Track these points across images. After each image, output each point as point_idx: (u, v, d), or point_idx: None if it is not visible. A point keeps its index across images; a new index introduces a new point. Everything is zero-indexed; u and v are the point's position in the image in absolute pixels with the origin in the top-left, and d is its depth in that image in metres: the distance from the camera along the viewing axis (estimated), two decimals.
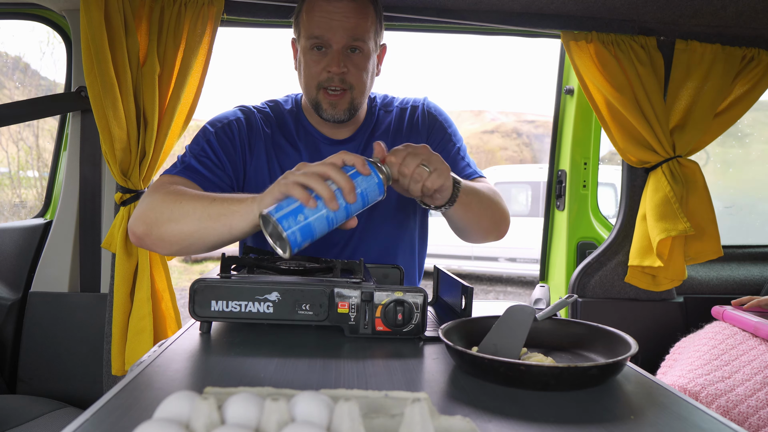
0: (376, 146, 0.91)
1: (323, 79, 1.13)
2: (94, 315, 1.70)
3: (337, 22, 1.10)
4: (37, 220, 1.81)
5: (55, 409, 1.48)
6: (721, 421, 0.58)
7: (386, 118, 1.29)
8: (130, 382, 0.65)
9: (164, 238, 0.97)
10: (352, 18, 1.11)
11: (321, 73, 1.13)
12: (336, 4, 1.10)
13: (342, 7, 1.10)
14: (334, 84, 1.13)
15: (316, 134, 1.24)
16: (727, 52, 1.77)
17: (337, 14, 1.10)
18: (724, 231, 1.84)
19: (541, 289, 2.16)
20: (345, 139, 1.25)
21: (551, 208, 2.17)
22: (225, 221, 0.90)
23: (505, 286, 7.39)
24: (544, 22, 1.72)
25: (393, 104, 1.32)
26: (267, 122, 1.23)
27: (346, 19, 1.10)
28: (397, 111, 1.30)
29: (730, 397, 1.29)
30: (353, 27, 1.11)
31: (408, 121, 1.29)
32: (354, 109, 1.17)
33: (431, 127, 1.29)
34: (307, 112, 1.25)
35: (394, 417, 0.48)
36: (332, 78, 1.12)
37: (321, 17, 1.10)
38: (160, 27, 1.57)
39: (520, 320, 0.77)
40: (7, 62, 3.86)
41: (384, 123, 1.28)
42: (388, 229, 1.26)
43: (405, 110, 1.30)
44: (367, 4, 1.13)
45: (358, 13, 1.11)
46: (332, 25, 1.10)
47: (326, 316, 0.83)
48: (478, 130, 20.68)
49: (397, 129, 1.28)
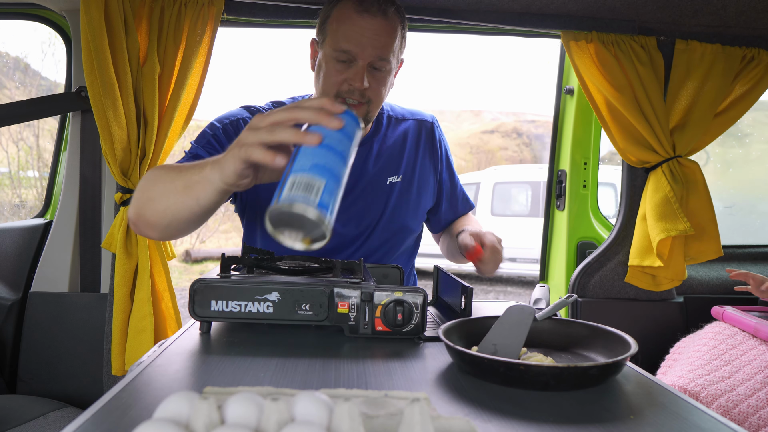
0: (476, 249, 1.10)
1: (344, 90, 1.13)
2: (94, 315, 1.70)
3: (368, 39, 1.09)
4: (37, 220, 1.81)
5: (55, 409, 1.48)
6: (721, 420, 0.58)
7: (398, 127, 1.32)
8: (130, 382, 0.65)
9: (148, 220, 0.93)
10: (382, 36, 1.10)
11: (342, 83, 1.13)
12: (369, 20, 1.09)
13: (374, 24, 1.09)
14: (354, 97, 1.13)
15: None
16: (727, 52, 1.77)
17: (368, 30, 1.09)
18: (724, 231, 1.84)
19: (541, 289, 2.16)
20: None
21: (551, 208, 2.17)
22: (191, 194, 0.84)
23: (505, 286, 7.39)
24: (544, 22, 1.72)
25: (404, 115, 1.35)
26: None
27: (377, 37, 1.09)
28: (410, 124, 1.34)
29: (730, 397, 1.29)
30: (382, 46, 1.10)
31: (425, 139, 1.34)
32: (367, 121, 1.19)
33: (441, 155, 1.37)
34: None
35: (394, 417, 0.48)
36: (353, 91, 1.12)
37: (352, 31, 1.09)
38: (160, 27, 1.57)
39: (520, 320, 0.77)
40: (8, 62, 3.86)
41: (396, 135, 1.31)
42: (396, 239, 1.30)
43: (420, 126, 1.34)
44: (396, 23, 1.13)
45: (388, 31, 1.11)
46: (362, 41, 1.09)
47: (326, 316, 0.83)
48: (478, 130, 20.67)
49: (416, 144, 1.32)
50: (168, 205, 0.88)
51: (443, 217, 1.41)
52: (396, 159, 1.29)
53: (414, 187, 1.31)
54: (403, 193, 1.29)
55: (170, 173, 0.89)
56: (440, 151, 1.37)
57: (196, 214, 0.87)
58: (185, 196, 0.85)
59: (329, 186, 0.61)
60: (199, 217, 0.89)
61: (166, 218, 0.90)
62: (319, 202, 0.60)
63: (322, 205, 0.60)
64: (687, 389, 1.36)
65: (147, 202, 0.92)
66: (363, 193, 1.25)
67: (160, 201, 0.89)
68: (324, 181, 0.61)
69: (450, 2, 1.64)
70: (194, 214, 0.87)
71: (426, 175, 1.33)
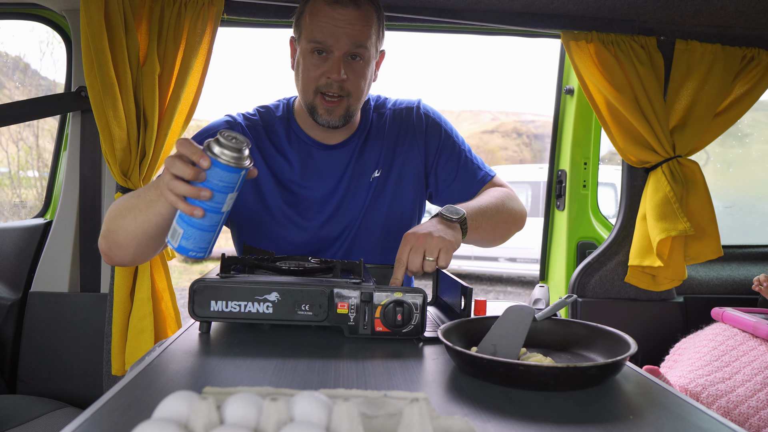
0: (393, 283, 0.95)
1: (322, 84, 1.13)
2: (94, 315, 1.70)
3: (341, 29, 1.09)
4: (37, 220, 1.81)
5: (55, 409, 1.48)
6: (721, 421, 0.58)
7: (380, 120, 1.29)
8: (130, 382, 0.65)
9: (120, 243, 0.98)
10: (356, 25, 1.10)
11: (320, 77, 1.13)
12: (341, 11, 1.09)
13: (347, 14, 1.09)
14: (332, 90, 1.13)
15: (308, 140, 1.24)
16: (727, 52, 1.77)
17: (341, 21, 1.09)
18: (724, 231, 1.84)
19: (540, 289, 2.16)
20: (338, 143, 1.24)
21: (551, 208, 2.17)
22: (153, 209, 0.90)
23: (505, 286, 7.39)
24: (544, 22, 1.72)
25: (386, 106, 1.32)
26: (254, 130, 1.23)
27: (350, 26, 1.10)
28: (390, 114, 1.30)
29: (730, 398, 1.29)
30: (357, 34, 1.10)
31: (404, 124, 1.29)
32: (349, 115, 1.18)
33: (429, 131, 1.29)
34: (299, 117, 1.25)
35: (393, 417, 0.48)
36: (331, 84, 1.12)
37: (325, 23, 1.10)
38: (160, 27, 1.57)
39: (520, 320, 0.77)
40: (7, 62, 3.86)
41: (378, 127, 1.28)
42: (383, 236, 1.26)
43: (399, 112, 1.30)
44: (371, 12, 1.13)
45: (362, 20, 1.11)
46: (336, 31, 1.09)
47: (326, 317, 0.83)
48: (478, 130, 20.67)
49: (394, 133, 1.28)
50: (136, 225, 0.94)
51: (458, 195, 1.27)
52: (376, 154, 1.26)
53: (391, 181, 1.25)
54: (381, 188, 1.25)
55: (131, 198, 0.96)
56: (427, 132, 1.28)
57: (162, 228, 0.92)
58: (148, 213, 0.91)
59: (187, 233, 0.81)
60: (165, 230, 0.93)
61: (137, 236, 0.95)
62: (178, 246, 0.82)
63: (180, 248, 0.82)
64: (688, 389, 1.36)
65: (115, 229, 0.98)
66: (345, 193, 1.23)
67: (127, 222, 0.95)
68: (182, 230, 0.81)
69: (450, 2, 1.64)
70: (161, 228, 0.93)
71: (409, 166, 1.27)
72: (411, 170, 1.27)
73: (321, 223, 1.23)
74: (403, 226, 1.24)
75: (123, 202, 0.98)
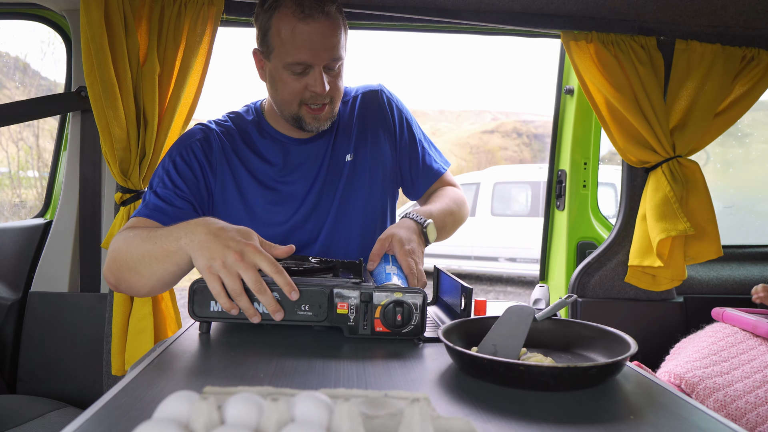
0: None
1: (306, 98, 1.14)
2: (94, 315, 1.70)
3: (318, 44, 1.09)
4: (37, 220, 1.81)
5: (55, 409, 1.48)
6: (721, 420, 0.58)
7: (345, 108, 1.31)
8: (130, 382, 0.65)
9: (132, 286, 0.98)
10: (331, 37, 1.10)
11: (303, 91, 1.14)
12: (314, 24, 1.08)
13: (320, 28, 1.09)
14: (317, 101, 1.14)
15: (282, 137, 1.25)
16: (727, 52, 1.77)
17: (316, 35, 1.08)
18: (724, 231, 1.84)
19: (540, 289, 2.16)
20: (313, 137, 1.26)
21: (551, 208, 2.17)
22: (171, 261, 0.89)
23: (505, 286, 7.39)
24: (544, 22, 1.72)
25: (349, 94, 1.34)
26: (228, 136, 1.23)
27: (325, 39, 1.09)
28: (353, 100, 1.33)
29: (728, 392, 1.29)
30: (333, 47, 1.11)
31: (370, 108, 1.32)
32: (334, 116, 1.21)
33: (394, 115, 1.34)
34: (270, 117, 1.26)
35: (394, 417, 0.48)
36: (315, 96, 1.14)
37: (302, 41, 1.08)
38: (160, 27, 1.57)
39: (520, 320, 0.77)
40: (8, 62, 3.86)
41: (345, 115, 1.30)
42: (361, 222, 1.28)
43: (363, 97, 1.33)
44: (339, 19, 1.13)
45: (333, 29, 1.11)
46: (314, 47, 1.09)
47: (326, 317, 0.83)
48: (478, 130, 20.66)
49: (361, 116, 1.31)
50: (152, 273, 0.93)
51: (418, 185, 1.37)
52: (347, 140, 1.28)
53: (364, 163, 1.28)
54: (354, 170, 1.27)
55: (145, 242, 0.93)
56: (392, 117, 1.33)
57: (179, 276, 0.94)
58: (166, 263, 0.90)
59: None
60: (184, 274, 0.94)
61: (151, 283, 0.95)
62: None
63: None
64: (684, 378, 1.35)
65: (127, 271, 0.96)
66: (324, 182, 1.25)
67: (142, 270, 0.94)
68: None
69: (450, 2, 1.64)
70: (177, 276, 0.94)
71: (381, 148, 1.30)
72: (384, 153, 1.31)
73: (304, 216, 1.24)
74: (381, 207, 1.31)
75: (136, 246, 0.95)
